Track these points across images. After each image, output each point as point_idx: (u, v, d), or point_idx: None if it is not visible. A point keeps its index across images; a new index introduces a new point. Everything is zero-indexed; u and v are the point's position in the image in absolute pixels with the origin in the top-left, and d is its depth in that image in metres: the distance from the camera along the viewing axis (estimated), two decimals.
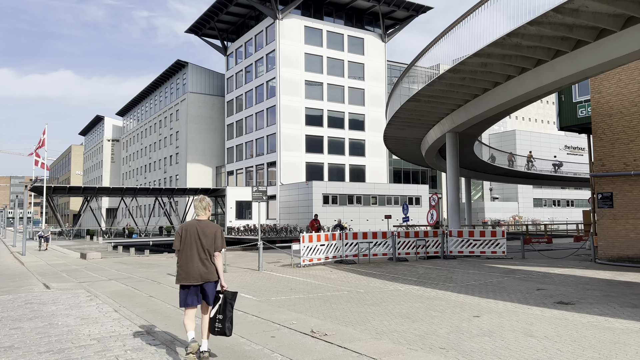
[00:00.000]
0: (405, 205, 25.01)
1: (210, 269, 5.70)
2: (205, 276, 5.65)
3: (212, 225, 5.88)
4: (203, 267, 5.65)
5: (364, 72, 60.30)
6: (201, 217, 5.90)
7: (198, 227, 5.77)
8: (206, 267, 5.67)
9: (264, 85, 57.68)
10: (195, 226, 5.78)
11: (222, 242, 5.84)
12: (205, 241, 5.71)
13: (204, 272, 5.65)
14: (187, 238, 5.72)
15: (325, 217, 47.95)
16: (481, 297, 9.97)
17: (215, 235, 5.78)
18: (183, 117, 68.69)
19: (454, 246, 18.75)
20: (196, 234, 5.72)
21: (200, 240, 5.70)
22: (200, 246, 5.69)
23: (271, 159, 55.48)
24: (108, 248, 36.18)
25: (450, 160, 19.87)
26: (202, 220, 5.87)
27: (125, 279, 13.89)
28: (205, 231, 5.75)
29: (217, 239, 5.79)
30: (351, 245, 17.38)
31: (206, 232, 5.75)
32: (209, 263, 5.70)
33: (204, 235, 5.72)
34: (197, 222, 5.84)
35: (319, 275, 13.81)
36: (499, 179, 44.72)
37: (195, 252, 5.67)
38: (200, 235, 5.71)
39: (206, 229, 5.77)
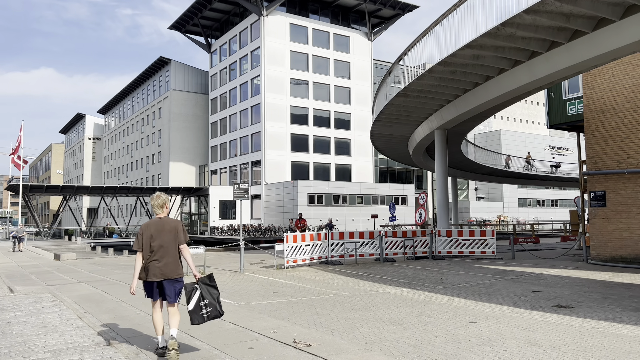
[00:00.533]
0: (392, 205, 24.42)
1: (173, 265, 5.68)
2: (167, 273, 5.62)
3: (172, 220, 5.83)
4: (165, 264, 5.62)
5: (350, 70, 59.75)
6: (160, 214, 5.83)
7: (159, 224, 5.72)
8: (171, 264, 5.65)
9: (248, 83, 56.81)
10: (156, 224, 5.72)
11: (185, 235, 5.83)
12: (167, 237, 5.67)
13: (166, 269, 5.62)
14: (149, 237, 5.64)
15: (310, 217, 47.28)
16: (475, 301, 9.38)
17: (177, 230, 5.75)
18: (166, 115, 67.46)
19: (442, 246, 18.21)
20: (158, 232, 5.66)
21: (162, 237, 5.65)
22: (162, 243, 5.63)
23: (256, 158, 54.64)
24: (86, 248, 35.06)
25: (438, 158, 19.34)
26: (161, 217, 5.81)
27: (97, 282, 13.05)
28: (166, 227, 5.71)
29: (180, 232, 5.77)
30: (337, 246, 16.73)
31: (167, 228, 5.71)
32: (174, 259, 5.69)
33: (166, 232, 5.68)
34: (157, 220, 5.78)
35: (303, 277, 13.13)
36: (485, 179, 44.53)
37: (158, 249, 5.61)
38: (161, 232, 5.67)
39: (166, 226, 5.73)
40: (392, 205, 24.40)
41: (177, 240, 5.74)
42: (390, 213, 24.62)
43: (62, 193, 47.87)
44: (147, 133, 73.95)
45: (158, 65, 69.14)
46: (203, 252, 13.77)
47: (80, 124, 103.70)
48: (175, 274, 5.68)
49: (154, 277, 5.59)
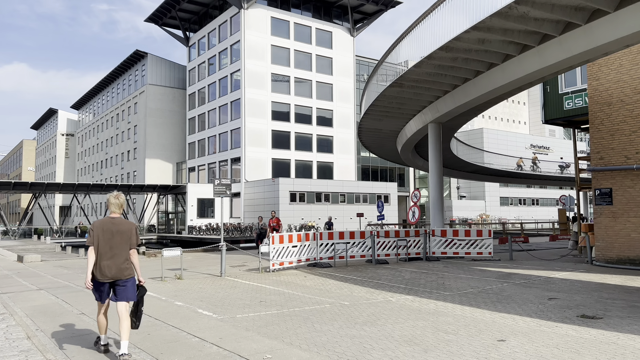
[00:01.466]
0: (380, 203, 23.32)
1: (125, 266, 5.66)
2: (118, 274, 5.61)
3: (127, 222, 5.79)
4: (117, 265, 5.61)
5: (332, 66, 58.57)
6: (115, 214, 5.77)
7: (113, 224, 5.66)
8: (120, 264, 5.63)
9: (228, 77, 55.17)
10: (110, 223, 5.66)
11: (137, 238, 5.82)
12: (120, 238, 5.64)
13: (118, 269, 5.61)
14: (102, 236, 5.60)
15: (292, 216, 46.04)
16: (491, 311, 8.27)
17: (131, 232, 5.74)
18: (142, 111, 65.30)
19: (436, 247, 17.15)
20: (111, 232, 5.62)
21: (115, 237, 5.62)
22: (114, 244, 5.61)
23: (235, 155, 53.07)
24: (56, 249, 33.15)
25: (433, 154, 18.27)
26: (116, 217, 5.75)
27: (59, 289, 11.57)
28: (120, 228, 5.67)
29: (133, 236, 5.76)
30: (326, 247, 15.51)
31: (121, 229, 5.67)
32: (123, 260, 5.65)
33: (119, 233, 5.64)
34: (111, 220, 5.71)
35: (292, 283, 11.88)
36: (471, 177, 43.88)
37: (110, 249, 5.59)
38: (115, 232, 5.63)
39: (121, 226, 5.69)
40: (381, 204, 23.30)
41: (129, 243, 5.72)
42: (378, 212, 23.52)
43: (31, 190, 45.62)
44: (123, 129, 71.61)
45: (134, 59, 66.89)
46: (180, 254, 12.41)
47: (53, 119, 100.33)
48: (126, 275, 5.68)
49: (105, 278, 5.59)
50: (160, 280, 12.36)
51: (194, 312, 8.25)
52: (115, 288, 5.68)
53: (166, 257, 12.25)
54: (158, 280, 12.44)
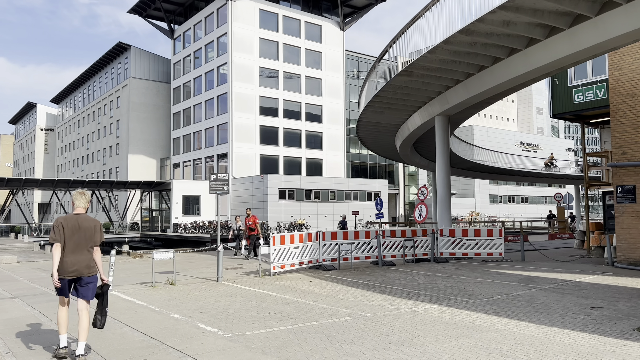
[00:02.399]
0: (379, 201, 22.30)
1: (89, 263, 5.63)
2: (82, 270, 5.57)
3: (91, 219, 5.75)
4: (81, 261, 5.57)
5: (322, 61, 57.41)
6: (79, 210, 5.76)
7: (77, 220, 5.63)
8: (84, 261, 5.60)
9: (214, 71, 53.65)
10: (74, 220, 5.63)
11: (100, 236, 5.78)
12: (84, 235, 5.62)
13: (82, 266, 5.57)
14: (66, 232, 5.56)
15: (281, 214, 44.86)
16: (536, 324, 7.23)
17: (95, 230, 5.71)
18: (125, 105, 63.38)
19: (444, 247, 16.14)
20: (75, 228, 5.59)
21: (79, 234, 5.59)
22: (78, 240, 5.58)
23: (222, 151, 51.64)
24: (34, 248, 31.47)
25: (440, 148, 17.24)
26: (80, 214, 5.73)
27: (35, 297, 10.26)
28: (84, 225, 5.65)
29: (97, 233, 5.72)
30: (329, 247, 14.39)
31: (84, 226, 5.65)
32: (87, 257, 5.63)
33: (83, 229, 5.62)
34: (75, 216, 5.68)
35: (298, 288, 10.73)
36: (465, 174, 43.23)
37: (74, 246, 5.56)
38: (79, 229, 5.61)
39: (84, 223, 5.67)
40: (380, 202, 22.26)
41: (93, 240, 5.68)
42: (377, 210, 22.48)
43: (8, 187, 43.60)
44: (104, 124, 69.54)
45: (116, 51, 64.87)
46: (173, 257, 11.17)
47: (32, 113, 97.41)
48: (88, 272, 5.62)
49: (68, 275, 5.54)
50: (150, 286, 11.11)
51: (196, 327, 7.06)
52: (76, 285, 5.63)
53: (157, 260, 11.01)
54: (148, 285, 11.18)
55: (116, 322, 7.51)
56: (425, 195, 16.10)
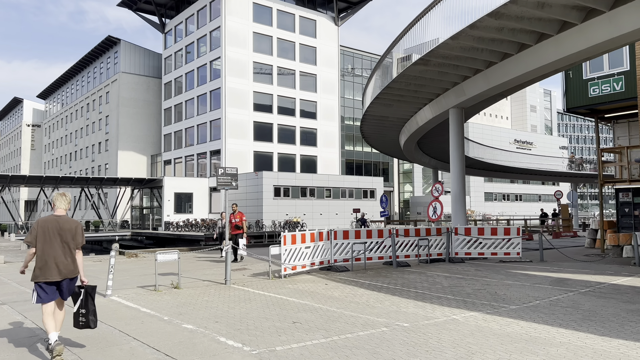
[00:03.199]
0: (384, 198, 21.49)
1: (71, 265, 5.64)
2: (65, 273, 5.59)
3: (71, 220, 5.75)
4: (63, 264, 5.57)
5: (317, 56, 56.47)
6: (60, 212, 5.74)
7: (57, 222, 5.63)
8: (67, 263, 5.60)
9: (207, 65, 52.49)
10: (55, 221, 5.62)
11: (82, 237, 5.76)
12: (65, 237, 5.61)
13: (64, 268, 5.58)
14: (46, 234, 5.55)
15: (276, 212, 43.92)
16: (601, 336, 6.44)
17: (76, 231, 5.70)
18: (114, 100, 61.95)
19: (459, 247, 15.36)
20: (55, 230, 5.58)
21: (60, 236, 5.59)
22: (60, 242, 5.59)
23: (215, 147, 50.53)
24: (21, 247, 30.21)
25: (455, 143, 16.43)
26: (61, 215, 5.71)
27: (27, 303, 9.26)
28: (65, 227, 5.64)
29: (78, 235, 5.71)
30: (341, 247, 13.53)
31: (65, 227, 5.64)
32: (70, 259, 5.64)
33: (64, 231, 5.61)
34: (56, 217, 5.67)
35: (316, 293, 9.85)
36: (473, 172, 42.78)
37: (56, 248, 5.55)
38: (59, 231, 5.59)
39: (65, 225, 5.65)
40: (384, 199, 21.45)
41: (75, 242, 5.68)
42: (381, 207, 21.65)
43: None
44: (93, 119, 68.00)
45: (106, 45, 63.37)
46: (177, 258, 10.23)
47: (18, 109, 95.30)
48: (73, 274, 5.69)
49: (54, 277, 5.53)
50: (153, 290, 10.16)
51: (216, 342, 6.15)
52: (61, 286, 5.66)
53: (161, 261, 10.07)
54: (151, 290, 10.24)
55: (122, 334, 6.59)
56: (440, 192, 15.28)
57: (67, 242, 5.60)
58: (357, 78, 63.40)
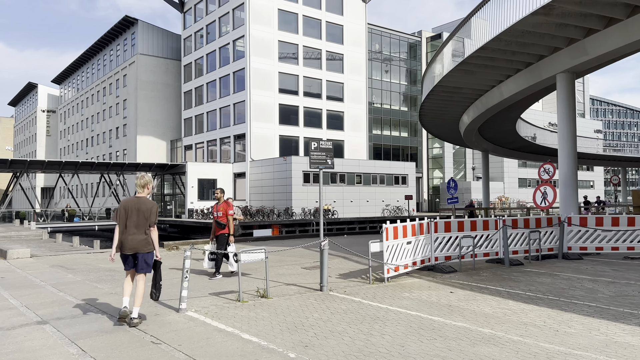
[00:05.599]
0: (452, 182, 18.93)
1: (144, 241, 6.34)
2: (137, 247, 6.32)
3: (149, 201, 6.47)
4: (136, 240, 6.31)
5: (343, 35, 53.57)
6: (140, 194, 6.53)
7: (136, 203, 6.39)
8: (139, 239, 6.32)
9: (230, 45, 49.86)
10: (134, 202, 6.40)
11: (155, 217, 6.41)
12: (140, 216, 6.33)
13: (137, 243, 6.31)
14: (126, 213, 6.35)
15: (306, 198, 41.54)
16: None
17: (151, 211, 6.41)
18: (132, 83, 59.66)
19: (573, 240, 12.79)
20: (133, 210, 6.34)
21: (137, 215, 6.32)
22: (136, 220, 6.32)
23: (239, 131, 48.10)
24: (43, 236, 28.15)
25: (564, 114, 13.77)
26: (140, 197, 6.49)
27: (75, 320, 6.88)
28: (141, 207, 6.36)
29: (152, 214, 6.42)
30: (443, 242, 11.04)
31: (142, 208, 6.35)
32: (142, 235, 6.34)
33: (140, 211, 6.33)
34: (136, 199, 6.46)
35: (454, 306, 7.37)
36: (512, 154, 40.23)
37: (131, 225, 6.32)
38: (136, 210, 6.33)
39: (142, 206, 6.37)
40: (453, 183, 18.87)
41: (148, 221, 6.38)
42: (449, 193, 19.09)
43: (11, 169, 40.17)
44: (110, 104, 65.85)
45: (122, 26, 60.93)
46: (265, 258, 7.81)
47: (32, 95, 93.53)
48: (145, 249, 6.36)
49: (127, 251, 6.34)
50: (235, 300, 7.76)
51: None
52: (136, 259, 6.38)
53: (246, 262, 7.66)
54: (231, 299, 7.83)
55: None
56: (552, 174, 12.59)
57: (142, 220, 6.33)
58: (386, 57, 60.42)
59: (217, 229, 10.28)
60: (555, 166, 12.78)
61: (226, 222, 10.19)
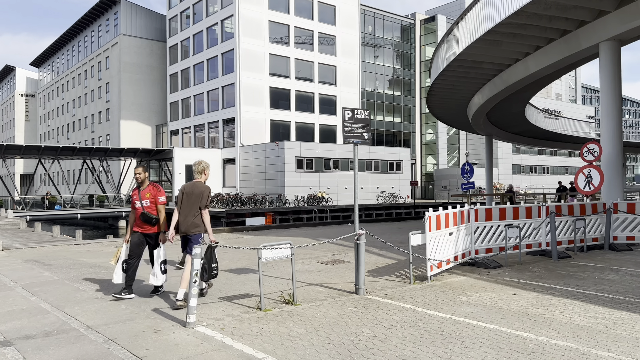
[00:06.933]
0: (467, 166, 17.48)
1: (193, 223, 6.55)
2: (186, 229, 6.57)
3: (202, 185, 6.69)
4: (187, 222, 6.56)
5: (336, 15, 51.62)
6: (197, 179, 6.82)
7: (191, 187, 6.67)
8: (189, 222, 6.56)
9: (218, 25, 47.66)
10: (190, 187, 6.70)
11: (206, 200, 6.62)
12: (192, 199, 6.58)
13: (187, 226, 6.56)
14: (183, 196, 6.64)
15: (299, 185, 39.93)
16: None
17: (202, 195, 6.61)
18: (115, 66, 57.13)
19: (620, 229, 11.41)
20: (188, 194, 6.62)
21: (190, 198, 6.59)
22: (186, 204, 6.59)
23: (228, 115, 46.13)
24: (20, 224, 26.16)
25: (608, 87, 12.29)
26: (196, 181, 6.77)
27: (49, 338, 5.23)
28: (194, 191, 6.62)
29: (203, 198, 6.60)
30: (487, 233, 9.56)
31: (195, 192, 6.62)
32: (192, 218, 6.56)
33: (193, 195, 6.60)
34: (192, 184, 6.74)
35: (529, 315, 5.86)
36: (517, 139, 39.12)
37: (185, 208, 6.59)
38: (190, 194, 6.61)
39: (195, 189, 6.64)
40: (469, 167, 17.40)
41: (200, 204, 6.58)
42: (464, 178, 17.63)
43: None
44: (92, 87, 63.19)
45: (104, 5, 58.19)
46: (290, 255, 6.24)
47: (10, 78, 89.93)
48: (193, 231, 6.56)
49: (181, 233, 6.64)
50: (255, 307, 6.16)
51: None
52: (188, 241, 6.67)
53: (268, 260, 6.07)
54: (250, 307, 6.23)
55: None
56: (598, 155, 11.12)
57: (194, 203, 6.60)
58: (379, 40, 58.64)
59: (144, 225, 6.98)
60: (601, 146, 11.34)
61: (156, 214, 7.01)
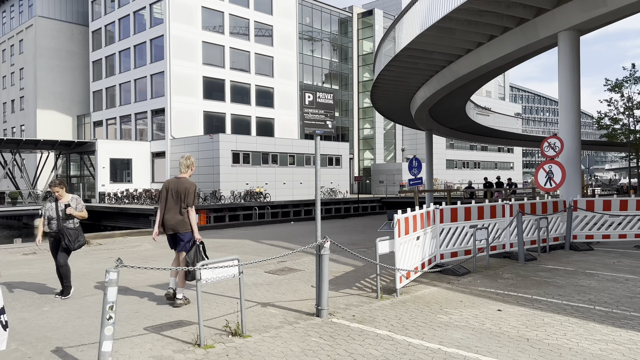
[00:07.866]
0: (415, 161, 16.74)
1: (181, 221, 6.24)
2: (174, 227, 6.26)
3: (187, 182, 6.32)
4: (174, 220, 6.25)
5: (272, 4, 49.97)
6: (182, 174, 6.43)
7: (176, 183, 6.32)
8: (176, 219, 6.25)
9: (146, 9, 44.61)
10: (174, 183, 6.35)
11: (192, 198, 6.28)
12: (176, 197, 6.26)
13: (173, 223, 6.25)
14: (167, 193, 6.29)
15: (235, 180, 38.19)
16: None
17: (188, 192, 6.26)
18: (30, 50, 52.28)
19: (579, 228, 10.93)
20: (171, 190, 6.28)
21: (175, 195, 6.26)
22: (172, 201, 6.27)
23: (157, 106, 43.36)
24: None
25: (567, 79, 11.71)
26: (181, 177, 6.42)
27: None
28: (179, 188, 6.26)
29: (188, 195, 6.26)
30: (452, 235, 8.62)
31: (179, 189, 6.26)
32: (179, 216, 6.25)
33: (178, 192, 6.26)
34: (176, 179, 6.42)
35: (530, 341, 4.89)
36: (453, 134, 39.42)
37: (170, 205, 6.27)
38: (175, 191, 6.26)
39: (180, 186, 6.27)
40: (416, 162, 16.66)
41: (186, 202, 6.23)
42: (411, 174, 16.88)
43: None
44: (4, 73, 57.67)
45: None
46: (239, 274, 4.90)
47: None
48: (182, 229, 6.25)
49: (168, 231, 6.32)
50: (193, 343, 4.77)
51: None
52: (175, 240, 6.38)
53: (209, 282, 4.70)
54: (186, 342, 4.83)
55: None
56: (559, 150, 10.51)
57: (178, 201, 6.25)
58: (316, 33, 57.57)
59: None
60: (562, 140, 10.78)
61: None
